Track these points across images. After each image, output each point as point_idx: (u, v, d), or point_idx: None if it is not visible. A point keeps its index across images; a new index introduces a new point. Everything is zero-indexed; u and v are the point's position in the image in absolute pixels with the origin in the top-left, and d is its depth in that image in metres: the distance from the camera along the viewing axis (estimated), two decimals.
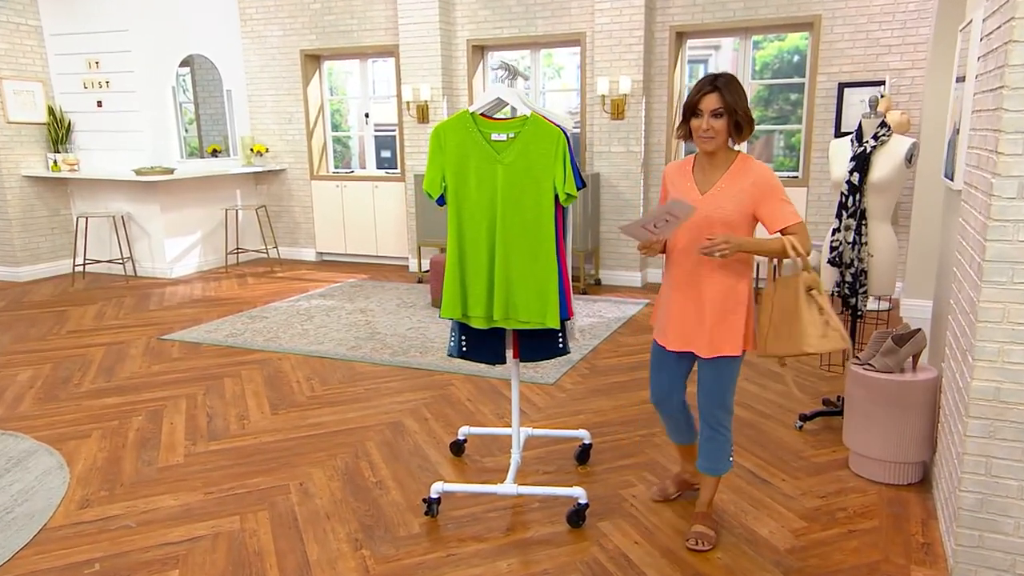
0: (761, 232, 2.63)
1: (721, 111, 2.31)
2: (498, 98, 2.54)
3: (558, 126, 2.49)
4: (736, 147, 2.45)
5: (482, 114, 2.55)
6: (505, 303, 2.56)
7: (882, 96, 5.76)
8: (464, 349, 2.78)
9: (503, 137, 2.49)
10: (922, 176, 4.96)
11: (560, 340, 2.73)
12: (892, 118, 5.39)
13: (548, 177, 2.48)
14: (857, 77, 6.09)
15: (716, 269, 2.43)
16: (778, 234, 2.38)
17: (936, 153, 4.88)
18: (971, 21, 2.89)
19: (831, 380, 4.27)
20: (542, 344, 2.73)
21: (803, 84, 6.46)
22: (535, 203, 2.49)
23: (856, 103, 6.07)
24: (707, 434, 2.59)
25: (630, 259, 6.98)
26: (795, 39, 7.04)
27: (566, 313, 2.58)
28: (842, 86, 6.11)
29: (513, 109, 2.66)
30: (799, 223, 2.35)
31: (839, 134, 6.20)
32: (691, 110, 2.36)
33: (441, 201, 2.58)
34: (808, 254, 2.32)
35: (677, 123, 2.43)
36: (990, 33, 2.39)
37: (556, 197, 2.51)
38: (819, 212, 6.41)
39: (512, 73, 2.60)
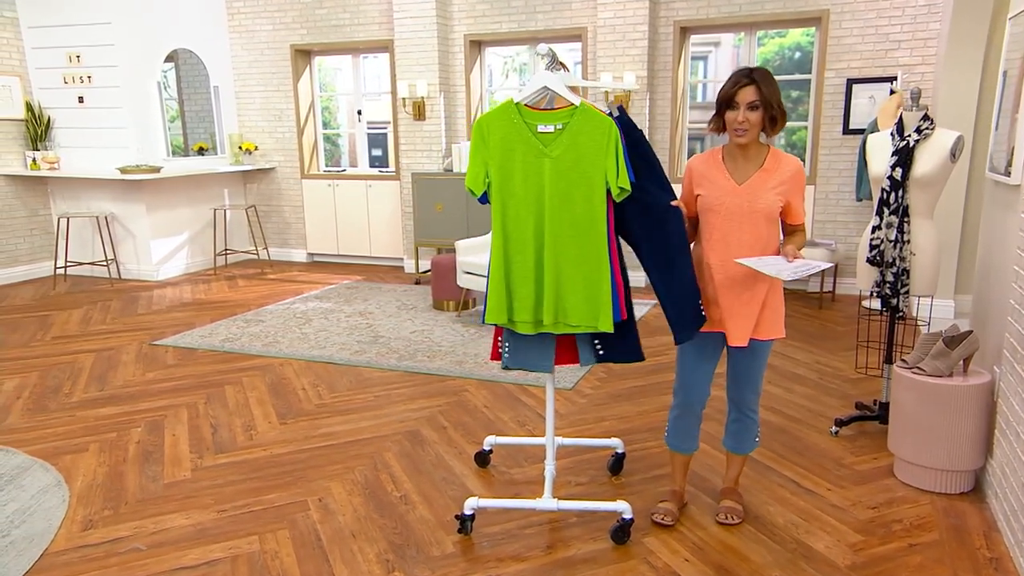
0: None
1: (757, 104, 2.31)
2: (545, 87, 2.36)
3: (609, 115, 2.33)
4: (765, 140, 2.45)
5: (527, 104, 2.37)
6: (555, 307, 2.37)
7: (892, 92, 5.68)
8: (508, 356, 2.60)
9: (550, 129, 2.31)
10: None
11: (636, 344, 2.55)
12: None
13: (599, 171, 2.31)
14: (866, 73, 6.00)
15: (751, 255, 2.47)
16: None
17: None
18: None
19: (859, 382, 4.16)
20: (621, 344, 2.53)
21: (809, 80, 6.37)
22: (586, 199, 2.32)
23: (865, 99, 5.98)
24: (734, 416, 2.72)
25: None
26: (796, 35, 6.95)
27: (619, 315, 2.40)
28: (851, 82, 6.02)
29: (552, 97, 2.48)
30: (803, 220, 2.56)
31: (847, 131, 6.10)
32: (727, 103, 2.35)
33: (484, 199, 2.39)
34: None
35: (711, 116, 2.46)
36: None
37: (607, 192, 2.35)
38: (827, 210, 6.31)
39: (556, 61, 2.42)
